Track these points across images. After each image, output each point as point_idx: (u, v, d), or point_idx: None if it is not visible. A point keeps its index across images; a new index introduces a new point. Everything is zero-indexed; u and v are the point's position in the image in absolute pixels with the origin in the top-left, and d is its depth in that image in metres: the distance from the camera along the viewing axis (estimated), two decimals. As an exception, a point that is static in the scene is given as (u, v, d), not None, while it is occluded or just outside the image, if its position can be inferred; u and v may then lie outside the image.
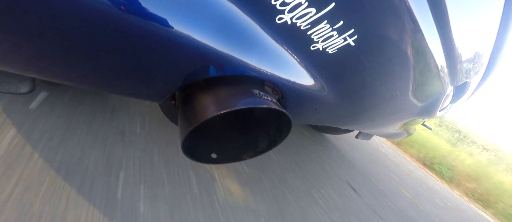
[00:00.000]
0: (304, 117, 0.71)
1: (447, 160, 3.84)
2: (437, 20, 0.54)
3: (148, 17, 0.33)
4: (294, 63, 0.50)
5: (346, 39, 0.46)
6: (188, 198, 0.69)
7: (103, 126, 0.77)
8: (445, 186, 3.15)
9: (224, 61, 0.43)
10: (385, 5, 0.44)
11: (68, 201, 0.52)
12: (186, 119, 0.46)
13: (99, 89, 0.45)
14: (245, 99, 0.44)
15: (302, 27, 0.42)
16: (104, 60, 0.37)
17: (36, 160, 0.56)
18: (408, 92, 0.74)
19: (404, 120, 1.07)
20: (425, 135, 4.89)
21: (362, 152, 2.16)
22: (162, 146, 0.83)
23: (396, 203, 1.55)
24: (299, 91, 0.56)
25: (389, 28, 0.49)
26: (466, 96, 1.15)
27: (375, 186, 1.60)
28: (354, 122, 0.90)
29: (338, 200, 1.17)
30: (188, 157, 0.51)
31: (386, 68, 0.60)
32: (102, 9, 0.31)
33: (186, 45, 0.38)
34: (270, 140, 0.59)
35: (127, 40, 0.35)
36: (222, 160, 0.59)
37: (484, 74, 1.00)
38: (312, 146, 1.63)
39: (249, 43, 0.43)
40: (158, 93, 0.49)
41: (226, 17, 0.38)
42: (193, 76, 0.44)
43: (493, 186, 3.66)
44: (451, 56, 0.68)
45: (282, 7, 0.38)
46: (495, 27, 0.72)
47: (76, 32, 0.32)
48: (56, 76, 0.40)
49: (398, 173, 2.26)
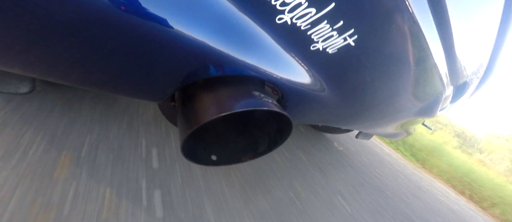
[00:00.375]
0: (304, 117, 0.71)
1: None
2: (437, 20, 0.54)
3: (148, 17, 0.33)
4: (294, 63, 0.50)
5: (346, 39, 0.46)
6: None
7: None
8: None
9: (224, 61, 0.42)
10: (385, 5, 0.44)
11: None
12: (186, 120, 0.46)
13: (99, 89, 0.45)
14: (245, 101, 0.44)
15: (302, 27, 0.42)
16: (104, 60, 0.37)
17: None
18: (408, 92, 0.74)
19: (404, 120, 1.07)
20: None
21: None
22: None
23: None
24: (299, 92, 0.56)
25: (389, 28, 0.48)
26: (466, 96, 1.15)
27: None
28: (354, 121, 0.90)
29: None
30: (188, 158, 0.51)
31: (386, 68, 0.59)
32: (102, 9, 0.31)
33: (186, 45, 0.38)
34: (271, 141, 0.58)
35: (127, 40, 0.35)
36: (222, 162, 0.58)
37: (484, 74, 1.00)
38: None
39: (249, 43, 0.42)
40: (158, 93, 0.48)
41: (226, 17, 0.38)
42: (192, 77, 0.44)
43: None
44: (451, 56, 0.68)
45: (282, 7, 0.38)
46: (495, 27, 0.72)
47: (76, 32, 0.32)
48: (56, 77, 0.40)
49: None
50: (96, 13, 0.31)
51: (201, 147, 0.56)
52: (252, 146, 0.60)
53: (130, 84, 0.44)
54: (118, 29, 0.33)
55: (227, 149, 0.60)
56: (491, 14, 0.69)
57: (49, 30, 0.31)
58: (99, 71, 0.39)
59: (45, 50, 0.34)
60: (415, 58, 0.59)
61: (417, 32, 0.52)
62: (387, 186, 1.71)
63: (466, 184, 3.25)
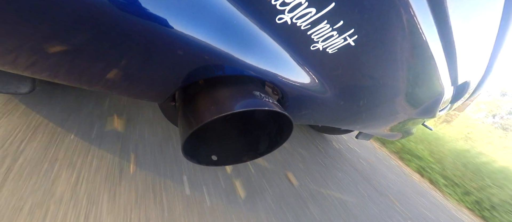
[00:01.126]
0: (304, 117, 0.71)
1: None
2: (437, 20, 0.54)
3: (148, 17, 0.33)
4: (294, 64, 0.50)
5: (346, 39, 0.46)
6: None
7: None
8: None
9: (224, 61, 0.43)
10: (385, 5, 0.44)
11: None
12: (187, 120, 0.46)
13: (99, 89, 0.45)
14: (246, 101, 0.44)
15: (302, 27, 0.42)
16: (104, 60, 0.37)
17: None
18: (408, 92, 0.74)
19: (404, 120, 1.07)
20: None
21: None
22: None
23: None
24: (299, 92, 0.56)
25: (389, 28, 0.49)
26: (466, 96, 1.15)
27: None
28: (354, 122, 0.90)
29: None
30: (188, 159, 0.51)
31: (386, 69, 0.60)
32: (102, 9, 0.31)
33: (186, 45, 0.38)
34: (271, 141, 0.58)
35: (127, 40, 0.35)
36: (223, 162, 0.58)
37: (484, 74, 1.00)
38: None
39: (249, 43, 0.43)
40: (158, 93, 0.48)
41: (226, 17, 0.38)
42: (193, 76, 0.44)
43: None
44: (451, 56, 0.68)
45: (282, 7, 0.38)
46: (495, 27, 0.72)
47: (76, 32, 0.32)
48: (56, 77, 0.40)
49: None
50: (96, 13, 0.31)
51: (201, 146, 0.56)
52: (252, 146, 0.60)
53: (131, 84, 0.44)
54: (119, 29, 0.33)
55: (227, 149, 0.60)
56: (491, 14, 0.69)
57: (49, 30, 0.31)
58: (100, 72, 0.39)
59: (45, 50, 0.34)
60: (415, 58, 0.59)
61: (417, 32, 0.52)
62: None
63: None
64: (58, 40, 0.33)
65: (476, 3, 0.61)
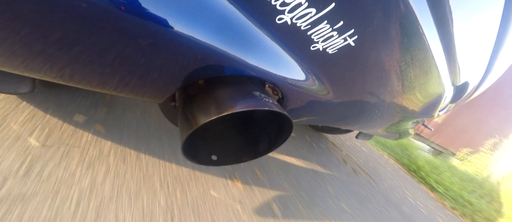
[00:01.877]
0: (304, 117, 0.71)
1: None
2: (437, 20, 0.54)
3: (148, 17, 0.33)
4: (294, 64, 0.50)
5: (346, 40, 0.46)
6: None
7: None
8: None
9: (224, 61, 0.43)
10: (385, 6, 0.44)
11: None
12: (187, 120, 0.46)
13: (99, 89, 0.45)
14: (246, 101, 0.44)
15: (302, 27, 0.42)
16: (104, 59, 0.37)
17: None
18: (409, 92, 0.74)
19: (404, 120, 1.08)
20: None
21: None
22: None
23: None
24: (299, 92, 0.56)
25: (389, 28, 0.49)
26: (466, 96, 1.15)
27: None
28: (354, 122, 0.90)
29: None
30: (188, 159, 0.51)
31: (386, 69, 0.60)
32: (102, 9, 0.31)
33: (187, 45, 0.38)
34: (271, 141, 0.58)
35: (127, 39, 0.35)
36: (223, 162, 0.58)
37: (484, 74, 1.00)
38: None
39: (249, 43, 0.43)
40: (158, 93, 0.49)
41: (226, 17, 0.38)
42: (193, 76, 0.44)
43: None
44: (451, 56, 0.68)
45: (282, 8, 0.38)
46: (495, 27, 0.72)
47: (76, 32, 0.32)
48: (56, 76, 0.40)
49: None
50: (96, 13, 0.31)
51: (201, 146, 0.56)
52: (252, 146, 0.60)
53: (131, 84, 0.44)
54: (119, 29, 0.33)
55: (227, 149, 0.60)
56: (491, 14, 0.69)
57: (49, 30, 0.31)
58: (100, 72, 0.39)
59: (45, 50, 0.34)
60: (415, 58, 0.59)
61: (417, 33, 0.52)
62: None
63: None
64: (58, 40, 0.33)
65: (476, 3, 0.61)
